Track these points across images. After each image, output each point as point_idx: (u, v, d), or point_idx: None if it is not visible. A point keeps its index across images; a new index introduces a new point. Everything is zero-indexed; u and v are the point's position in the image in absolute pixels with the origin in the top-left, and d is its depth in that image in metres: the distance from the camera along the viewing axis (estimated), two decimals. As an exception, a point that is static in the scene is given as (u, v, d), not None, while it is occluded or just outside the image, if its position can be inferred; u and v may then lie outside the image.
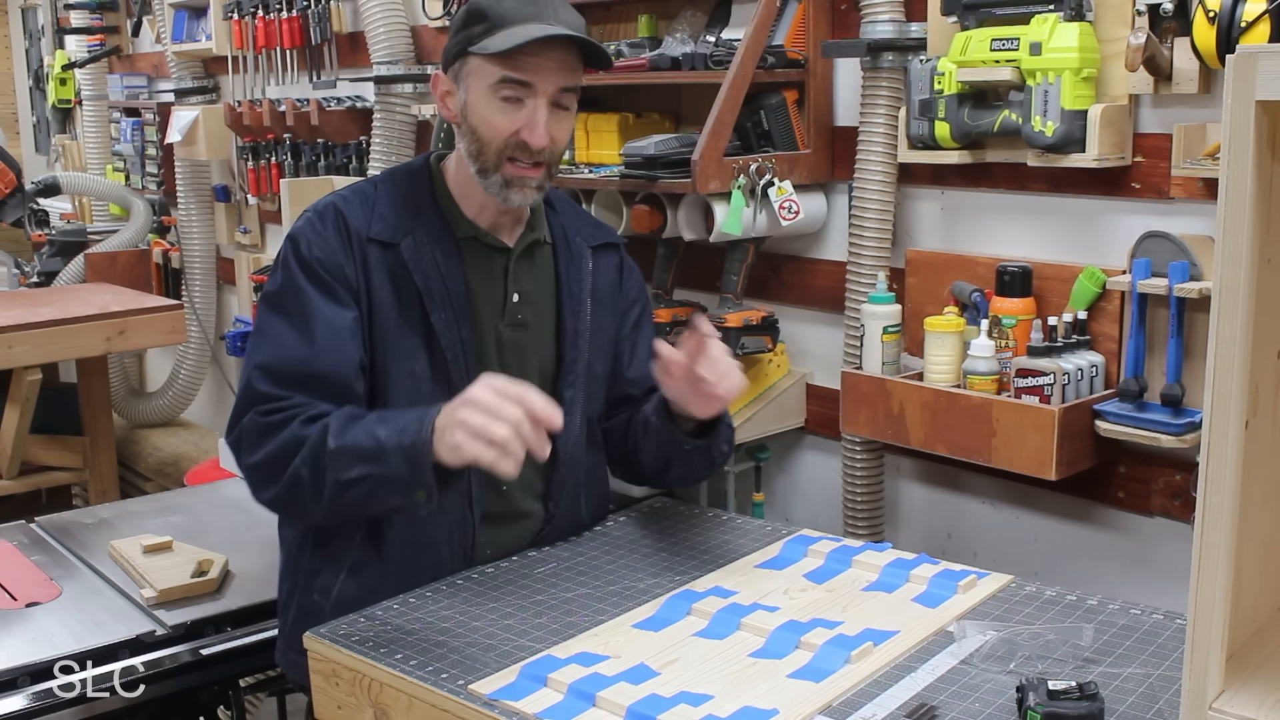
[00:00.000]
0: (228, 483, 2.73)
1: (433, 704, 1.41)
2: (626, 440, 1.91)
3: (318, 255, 1.69)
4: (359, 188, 1.80)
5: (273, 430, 1.61)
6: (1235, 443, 0.98)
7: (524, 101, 1.67)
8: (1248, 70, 0.92)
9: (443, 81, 1.76)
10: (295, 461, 1.58)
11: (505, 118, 1.68)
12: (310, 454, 1.57)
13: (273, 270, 1.75)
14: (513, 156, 1.69)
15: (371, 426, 1.55)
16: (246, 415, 1.65)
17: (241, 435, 1.65)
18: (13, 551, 2.23)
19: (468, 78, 1.70)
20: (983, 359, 2.03)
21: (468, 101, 1.71)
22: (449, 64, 1.74)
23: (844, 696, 1.36)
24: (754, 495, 2.49)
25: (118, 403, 4.47)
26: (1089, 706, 1.25)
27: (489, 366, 1.75)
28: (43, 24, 5.94)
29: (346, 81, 3.61)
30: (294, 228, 1.75)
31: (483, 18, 1.67)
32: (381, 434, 1.53)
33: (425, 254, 1.73)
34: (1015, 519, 2.24)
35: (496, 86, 1.67)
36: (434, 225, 1.75)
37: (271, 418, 1.62)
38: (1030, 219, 2.14)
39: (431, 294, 1.72)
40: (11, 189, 4.00)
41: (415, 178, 1.80)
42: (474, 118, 1.70)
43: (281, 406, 1.63)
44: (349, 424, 1.57)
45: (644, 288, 2.01)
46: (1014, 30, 1.97)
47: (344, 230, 1.71)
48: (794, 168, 2.36)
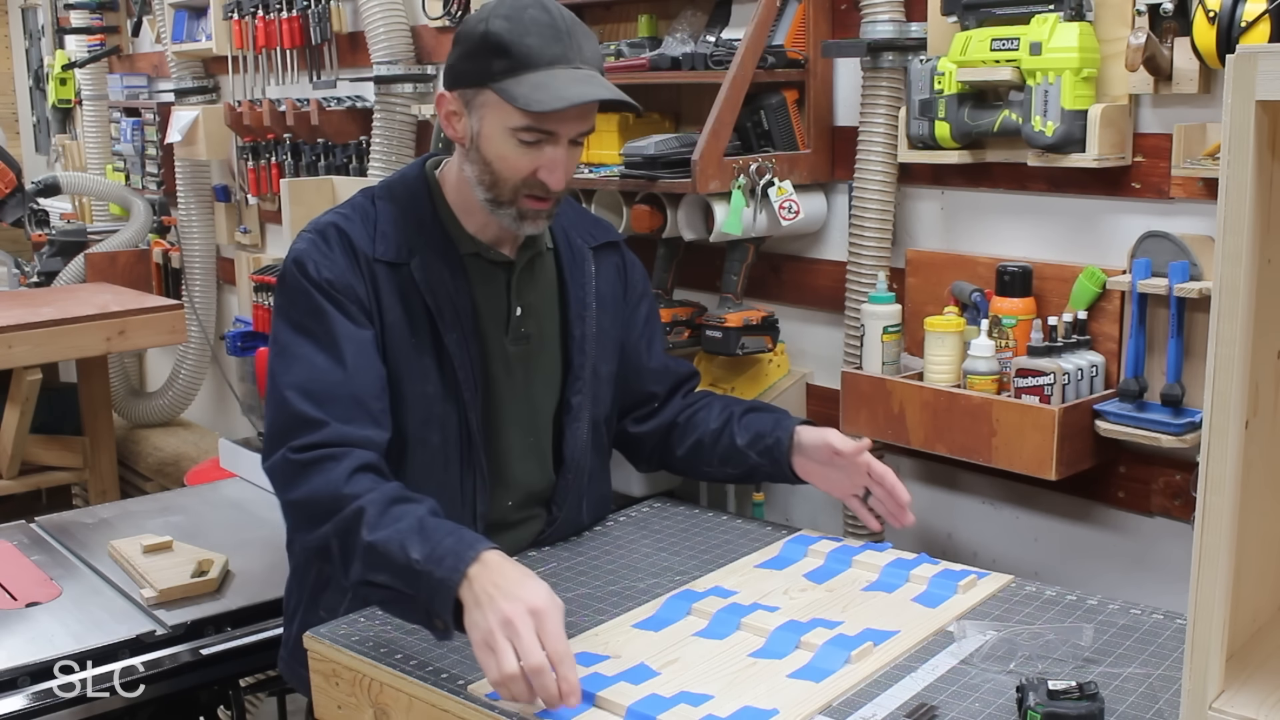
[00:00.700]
0: (228, 483, 2.74)
1: (433, 704, 1.41)
2: (673, 446, 1.94)
3: (328, 276, 1.66)
4: (357, 205, 1.75)
5: (308, 471, 1.56)
6: (1235, 443, 0.98)
7: (543, 144, 1.64)
8: (1248, 70, 0.92)
9: (449, 101, 1.69)
10: (328, 528, 1.52)
11: (524, 158, 1.64)
12: (343, 532, 1.50)
13: (282, 293, 1.70)
14: (529, 193, 1.67)
15: (406, 537, 1.45)
16: (280, 450, 1.59)
17: (275, 470, 1.61)
18: (13, 551, 2.23)
19: (482, 109, 1.64)
20: (983, 359, 2.03)
21: (481, 133, 1.66)
22: (457, 86, 1.67)
23: (844, 696, 1.36)
24: (754, 495, 2.49)
25: (118, 403, 4.47)
26: (1089, 706, 1.25)
27: (497, 383, 1.76)
28: (43, 24, 5.94)
29: (346, 81, 3.61)
30: (297, 249, 1.70)
31: (504, 52, 1.60)
32: (415, 553, 1.43)
33: (433, 273, 1.70)
34: (1015, 519, 2.24)
35: (517, 131, 1.62)
36: (438, 243, 1.73)
37: (305, 455, 1.57)
38: (1030, 219, 2.14)
39: (443, 314, 1.70)
40: (11, 189, 4.00)
41: (414, 192, 1.76)
42: (489, 152, 1.66)
43: (314, 443, 1.57)
44: (387, 512, 1.49)
45: (647, 281, 2.02)
46: (1014, 30, 1.97)
47: (350, 250, 1.68)
48: (794, 168, 2.36)
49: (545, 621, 1.33)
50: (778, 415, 1.89)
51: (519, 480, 1.81)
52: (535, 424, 1.82)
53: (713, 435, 1.89)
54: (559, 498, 1.84)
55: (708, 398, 1.98)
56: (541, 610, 1.33)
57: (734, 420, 1.89)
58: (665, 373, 1.97)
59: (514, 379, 1.78)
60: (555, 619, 1.34)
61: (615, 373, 1.90)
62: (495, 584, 1.36)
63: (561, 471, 1.83)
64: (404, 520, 1.47)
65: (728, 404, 1.95)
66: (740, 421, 1.88)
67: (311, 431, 1.59)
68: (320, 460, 1.56)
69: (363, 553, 1.47)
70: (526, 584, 1.37)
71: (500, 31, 1.60)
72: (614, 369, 1.90)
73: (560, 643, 1.32)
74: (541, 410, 1.82)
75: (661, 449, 1.98)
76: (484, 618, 1.34)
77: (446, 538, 1.44)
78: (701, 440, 1.91)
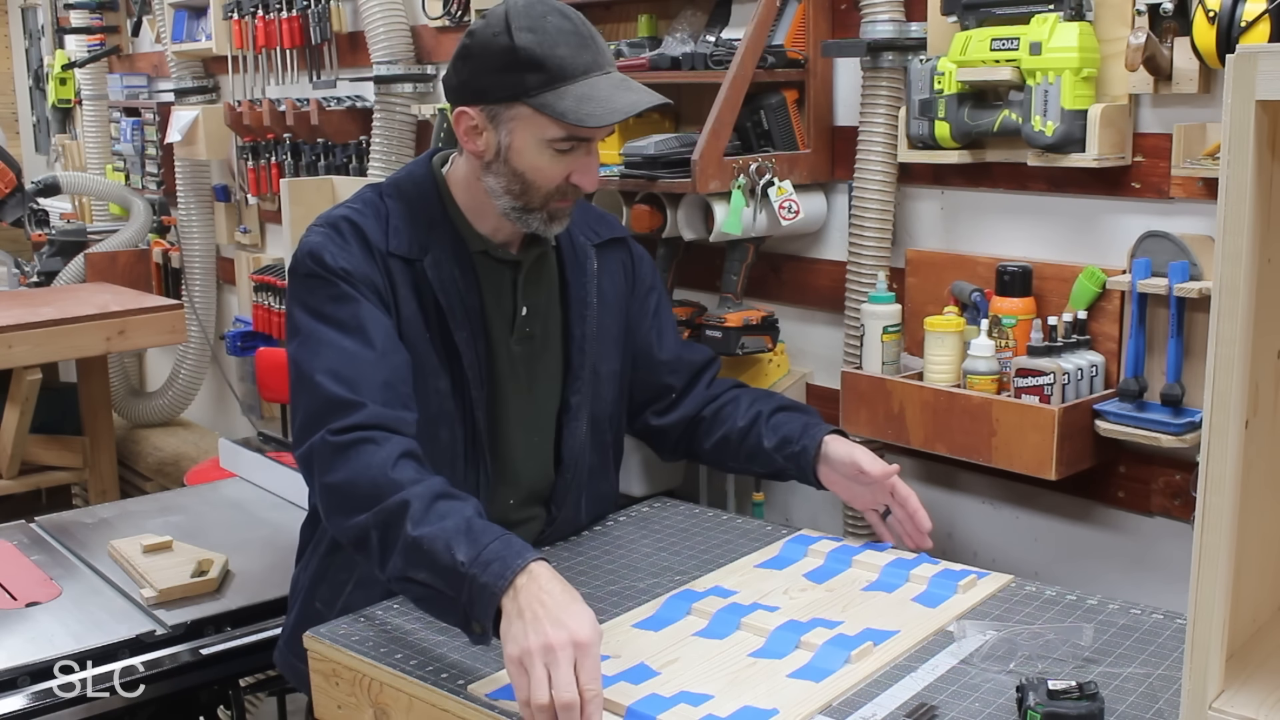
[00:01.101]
0: (228, 483, 2.74)
1: (433, 704, 1.41)
2: (699, 439, 1.95)
3: (344, 266, 1.64)
4: (367, 200, 1.74)
5: (347, 454, 1.52)
6: (1235, 443, 0.98)
7: (576, 149, 1.65)
8: (1248, 70, 0.92)
9: (471, 117, 1.66)
10: (368, 517, 1.48)
11: (558, 166, 1.65)
12: (384, 524, 1.47)
13: (298, 283, 1.67)
14: (560, 197, 1.68)
15: (453, 536, 1.42)
16: (317, 433, 1.55)
17: (313, 454, 1.56)
18: (13, 551, 2.23)
19: (512, 123, 1.63)
20: (983, 359, 2.03)
21: (512, 147, 1.65)
22: (481, 101, 1.64)
23: (844, 696, 1.36)
24: (754, 495, 2.49)
25: (118, 403, 4.47)
26: (1089, 706, 1.25)
27: (502, 381, 1.76)
28: (43, 24, 5.94)
29: (346, 81, 3.61)
30: (310, 242, 1.68)
31: (538, 66, 1.59)
32: (461, 554, 1.39)
33: (445, 271, 1.70)
34: (1015, 519, 2.24)
35: (555, 142, 1.63)
36: (448, 240, 1.72)
37: (344, 437, 1.53)
38: (1030, 219, 2.14)
39: (454, 312, 1.70)
40: (11, 189, 4.00)
41: (423, 190, 1.75)
42: (520, 164, 1.65)
43: (353, 425, 1.54)
44: (433, 508, 1.45)
45: (656, 273, 2.01)
46: (1014, 30, 1.97)
47: (365, 243, 1.67)
48: (794, 167, 2.36)
49: (585, 657, 1.29)
50: (806, 420, 1.88)
51: (522, 479, 1.81)
52: (539, 423, 1.82)
53: (740, 433, 1.90)
54: (558, 497, 1.84)
55: (734, 391, 1.97)
56: (585, 644, 1.30)
57: (762, 421, 1.88)
58: (680, 363, 1.97)
59: (519, 378, 1.78)
60: (595, 655, 1.31)
61: (619, 370, 1.90)
62: (543, 602, 1.33)
63: (560, 470, 1.83)
64: (450, 519, 1.44)
65: (755, 400, 1.94)
66: (768, 423, 1.88)
67: (349, 413, 1.55)
68: (360, 443, 1.52)
69: (404, 547, 1.44)
70: (573, 609, 1.33)
71: (529, 45, 1.59)
72: (617, 367, 1.89)
73: (595, 683, 1.30)
74: (544, 409, 1.82)
75: (688, 441, 1.98)
76: (525, 635, 1.31)
77: (494, 542, 1.40)
78: (728, 437, 1.91)
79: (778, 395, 2.00)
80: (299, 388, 1.61)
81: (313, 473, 1.57)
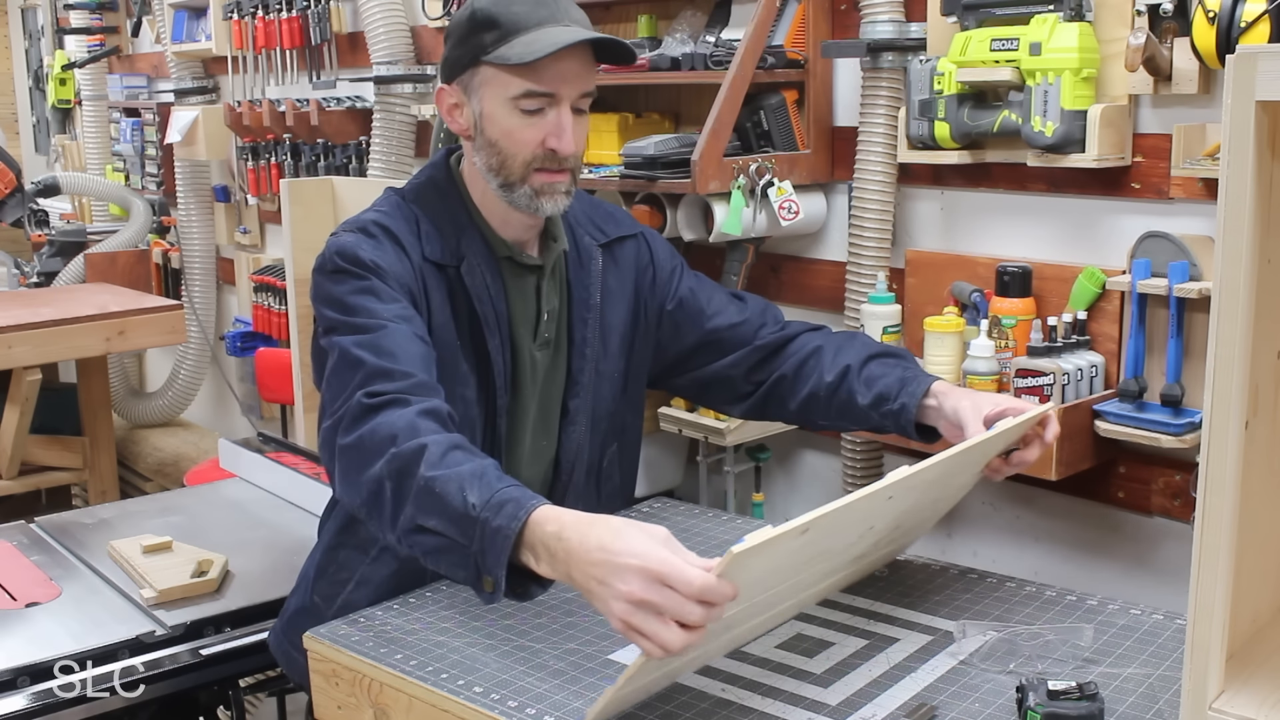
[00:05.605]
0: (228, 483, 2.73)
1: (433, 704, 1.41)
2: (784, 400, 1.81)
3: (378, 261, 1.60)
4: (395, 204, 1.70)
5: (374, 414, 1.44)
6: (1235, 443, 0.98)
7: (546, 110, 1.62)
8: (1248, 70, 0.93)
9: (449, 94, 1.67)
10: (381, 465, 1.40)
11: (530, 129, 1.62)
12: (398, 471, 1.38)
13: (325, 278, 1.62)
14: (540, 166, 1.64)
15: (466, 479, 1.33)
16: (354, 397, 1.46)
17: (344, 417, 1.47)
18: (13, 551, 2.23)
19: (480, 88, 1.63)
20: (982, 359, 2.03)
21: (484, 113, 1.63)
22: (454, 74, 1.65)
23: (844, 696, 1.36)
24: (754, 495, 2.49)
25: (117, 403, 4.47)
26: (1089, 706, 1.25)
27: (524, 388, 1.74)
28: (43, 24, 5.94)
29: (346, 81, 3.61)
30: (337, 241, 1.63)
31: (493, 24, 1.59)
32: (473, 497, 1.31)
33: (478, 278, 1.67)
34: (1015, 519, 2.24)
35: (518, 99, 1.60)
36: (478, 246, 1.70)
37: (377, 399, 1.45)
38: (1030, 219, 2.14)
39: (487, 320, 1.67)
40: (11, 189, 4.00)
41: (446, 195, 1.73)
42: (493, 131, 1.63)
43: (391, 390, 1.46)
44: (449, 454, 1.37)
45: (675, 253, 1.93)
46: (1014, 30, 1.97)
47: (399, 247, 1.63)
48: (794, 168, 2.36)
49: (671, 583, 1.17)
50: (903, 373, 1.72)
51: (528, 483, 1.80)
52: (546, 426, 1.81)
53: (829, 389, 1.76)
54: (555, 498, 1.83)
55: (815, 340, 1.82)
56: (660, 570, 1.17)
57: (853, 375, 1.74)
58: (738, 320, 1.85)
59: (536, 383, 1.77)
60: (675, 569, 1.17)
61: (624, 369, 1.87)
62: (601, 546, 1.20)
63: (558, 472, 1.83)
64: (466, 465, 1.36)
65: (840, 349, 1.78)
66: (860, 376, 1.74)
67: (390, 380, 1.48)
68: (390, 403, 1.45)
69: (417, 492, 1.35)
70: (626, 536, 1.21)
71: (485, 7, 1.60)
72: (623, 365, 1.86)
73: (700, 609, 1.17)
74: (550, 413, 1.82)
75: (774, 404, 1.85)
76: (605, 603, 1.20)
77: (509, 487, 1.32)
78: (816, 394, 1.77)
79: (861, 337, 1.87)
80: (340, 363, 1.52)
81: (334, 446, 1.48)
